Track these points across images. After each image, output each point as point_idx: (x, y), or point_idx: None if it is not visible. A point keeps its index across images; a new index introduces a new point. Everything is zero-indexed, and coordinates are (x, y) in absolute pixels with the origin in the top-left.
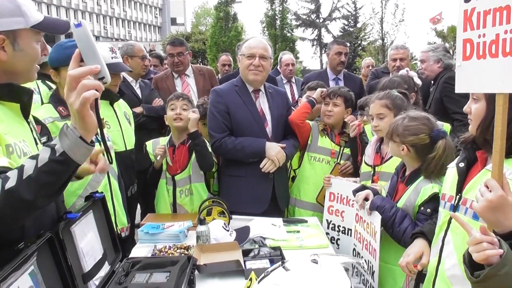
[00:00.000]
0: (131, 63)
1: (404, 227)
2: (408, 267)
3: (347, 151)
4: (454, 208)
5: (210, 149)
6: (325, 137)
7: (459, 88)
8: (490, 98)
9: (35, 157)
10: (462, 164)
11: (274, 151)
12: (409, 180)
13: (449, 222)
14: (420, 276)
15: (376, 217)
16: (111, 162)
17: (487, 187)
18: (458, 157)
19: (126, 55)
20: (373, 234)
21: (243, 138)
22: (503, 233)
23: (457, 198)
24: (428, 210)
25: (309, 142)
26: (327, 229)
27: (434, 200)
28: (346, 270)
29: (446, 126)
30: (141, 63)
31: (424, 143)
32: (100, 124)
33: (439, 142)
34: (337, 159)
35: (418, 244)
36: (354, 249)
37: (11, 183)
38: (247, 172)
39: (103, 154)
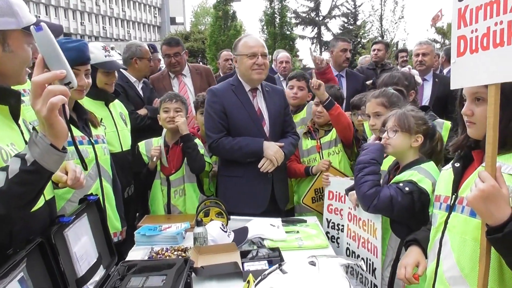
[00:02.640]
0: (139, 64)
1: (367, 179)
2: (410, 281)
3: (325, 139)
4: (451, 208)
5: (202, 151)
6: (308, 138)
7: (454, 85)
8: (503, 99)
9: (5, 169)
10: (458, 164)
11: (272, 150)
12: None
13: (446, 223)
14: None
15: (375, 215)
16: (86, 169)
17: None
18: (454, 158)
19: (135, 56)
20: (372, 231)
21: (241, 138)
22: (495, 225)
23: (453, 198)
24: (407, 188)
25: None
26: (327, 228)
27: (414, 187)
28: (345, 271)
29: (446, 124)
30: (148, 65)
31: (429, 133)
32: (71, 129)
33: (437, 133)
34: (321, 152)
35: (413, 255)
36: (347, 248)
37: None
38: (245, 172)
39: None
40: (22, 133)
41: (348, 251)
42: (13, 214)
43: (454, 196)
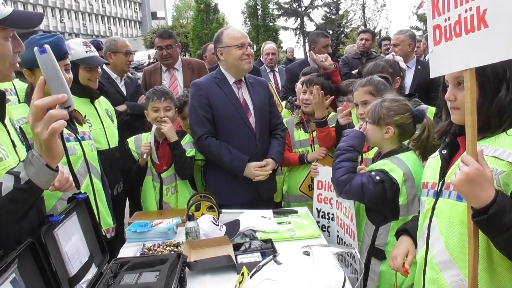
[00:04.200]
0: (114, 59)
1: (342, 165)
2: (399, 271)
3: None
4: (438, 194)
5: (192, 152)
6: (300, 129)
7: (433, 73)
8: (484, 82)
9: None
10: (445, 151)
11: (254, 174)
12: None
13: (433, 209)
14: None
15: (349, 201)
16: (78, 188)
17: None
18: (441, 145)
19: (109, 51)
20: (350, 216)
21: (225, 149)
22: (479, 207)
23: (440, 184)
24: (377, 177)
25: None
26: (317, 217)
27: (385, 176)
28: (341, 260)
29: (431, 110)
30: (124, 59)
31: (408, 123)
32: (66, 150)
33: (424, 121)
34: (313, 145)
35: (403, 244)
36: (337, 235)
37: None
38: None
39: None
40: (9, 133)
41: (338, 238)
42: (3, 230)
43: (441, 182)
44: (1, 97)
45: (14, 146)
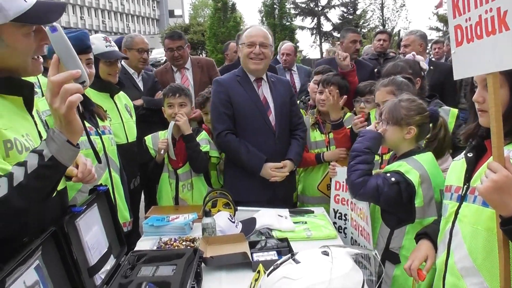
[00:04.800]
0: (129, 55)
1: (358, 167)
2: (413, 274)
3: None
4: (462, 198)
5: (207, 148)
6: (316, 130)
7: (456, 75)
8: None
9: (23, 164)
10: (470, 154)
11: (270, 175)
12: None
13: (456, 213)
14: None
15: (364, 202)
16: (100, 162)
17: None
18: (466, 148)
19: (125, 47)
20: (365, 218)
21: (244, 146)
22: (509, 216)
23: (464, 188)
24: (393, 179)
25: None
26: (334, 218)
27: (400, 178)
28: (358, 262)
29: (453, 111)
30: (138, 56)
31: (426, 123)
32: (84, 125)
33: (440, 120)
34: (329, 146)
35: (423, 248)
36: (351, 237)
37: (2, 192)
38: None
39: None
40: (36, 124)
41: (352, 240)
42: (31, 207)
43: (466, 186)
44: (30, 88)
45: (41, 137)
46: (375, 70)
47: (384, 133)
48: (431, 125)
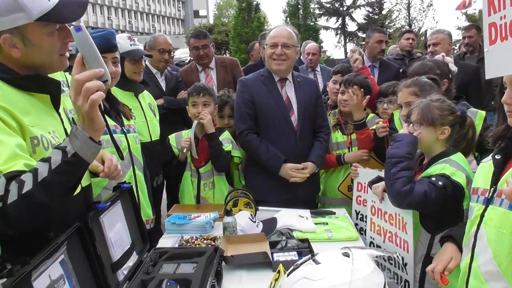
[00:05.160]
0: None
1: (402, 175)
2: (436, 277)
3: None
4: (488, 201)
5: (229, 147)
6: (337, 131)
7: (488, 74)
8: None
9: (47, 160)
10: (498, 156)
11: (289, 175)
12: (428, 167)
13: (482, 216)
14: None
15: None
16: (122, 158)
17: None
18: (494, 150)
19: (148, 46)
20: (401, 226)
21: (264, 146)
22: None
23: (491, 191)
24: (440, 183)
25: None
26: (356, 219)
27: (447, 181)
28: (378, 264)
29: (481, 113)
30: (159, 56)
31: (457, 123)
32: (106, 122)
33: (468, 120)
34: (350, 147)
35: (448, 251)
36: (371, 242)
37: (27, 187)
38: None
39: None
40: (62, 121)
41: (372, 245)
42: (55, 202)
43: (492, 188)
44: (56, 87)
45: (67, 134)
46: (401, 70)
47: (419, 135)
48: (458, 125)
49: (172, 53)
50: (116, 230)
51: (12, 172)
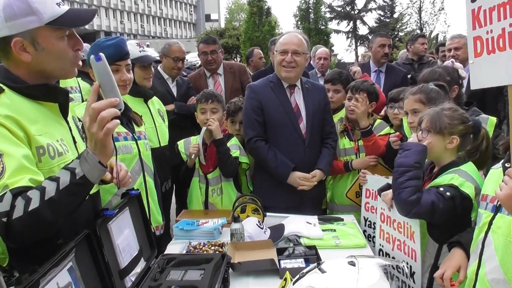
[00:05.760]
0: (164, 62)
1: (410, 184)
2: (445, 284)
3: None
4: (497, 208)
5: (237, 153)
6: (345, 137)
7: (473, 85)
8: None
9: (55, 180)
10: (508, 164)
11: (298, 183)
12: (437, 176)
13: (490, 223)
14: None
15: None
16: (118, 187)
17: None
18: (505, 157)
19: (162, 53)
20: (409, 234)
21: (272, 154)
22: None
23: None
24: (448, 193)
25: None
26: (364, 226)
27: (455, 192)
28: (386, 272)
29: (491, 120)
30: (172, 64)
31: (469, 133)
32: (115, 148)
33: (482, 131)
34: (358, 153)
35: (456, 257)
36: (380, 250)
37: (34, 205)
38: None
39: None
40: (70, 129)
41: (381, 252)
42: (59, 221)
43: None
44: (65, 95)
45: (75, 142)
46: (409, 76)
47: (428, 145)
48: (471, 136)
49: (185, 61)
50: (124, 237)
51: (19, 188)
